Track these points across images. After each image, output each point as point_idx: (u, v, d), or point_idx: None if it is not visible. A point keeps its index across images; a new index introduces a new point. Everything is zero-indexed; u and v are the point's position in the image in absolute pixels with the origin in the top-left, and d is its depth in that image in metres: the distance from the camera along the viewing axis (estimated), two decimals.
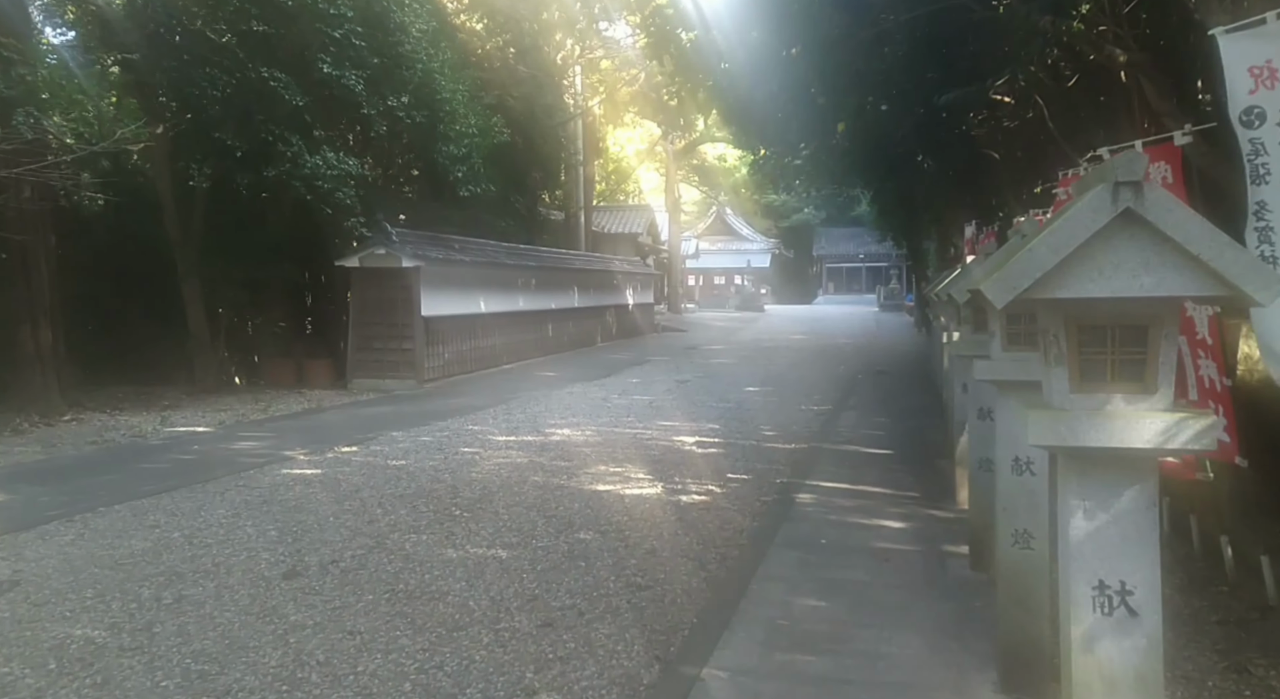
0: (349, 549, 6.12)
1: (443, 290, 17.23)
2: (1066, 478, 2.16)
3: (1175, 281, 1.96)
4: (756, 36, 10.47)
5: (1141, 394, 2.08)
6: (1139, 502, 2.10)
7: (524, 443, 10.45)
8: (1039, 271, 2.02)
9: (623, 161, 42.85)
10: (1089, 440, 2.06)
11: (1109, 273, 2.01)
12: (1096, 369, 2.11)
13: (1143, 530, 2.10)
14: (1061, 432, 2.08)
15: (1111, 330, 2.09)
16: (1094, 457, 2.10)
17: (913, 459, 9.26)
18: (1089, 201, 1.98)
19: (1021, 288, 2.03)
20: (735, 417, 12.51)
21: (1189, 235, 1.92)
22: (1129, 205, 1.95)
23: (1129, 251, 1.99)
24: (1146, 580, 2.08)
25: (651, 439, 10.71)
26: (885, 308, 50.69)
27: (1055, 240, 2.00)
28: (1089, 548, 2.12)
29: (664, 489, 8.04)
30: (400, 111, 15.69)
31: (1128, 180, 1.94)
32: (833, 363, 20.80)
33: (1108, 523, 2.11)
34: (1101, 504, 2.11)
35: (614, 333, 28.74)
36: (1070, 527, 2.14)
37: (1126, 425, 2.04)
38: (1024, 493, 3.81)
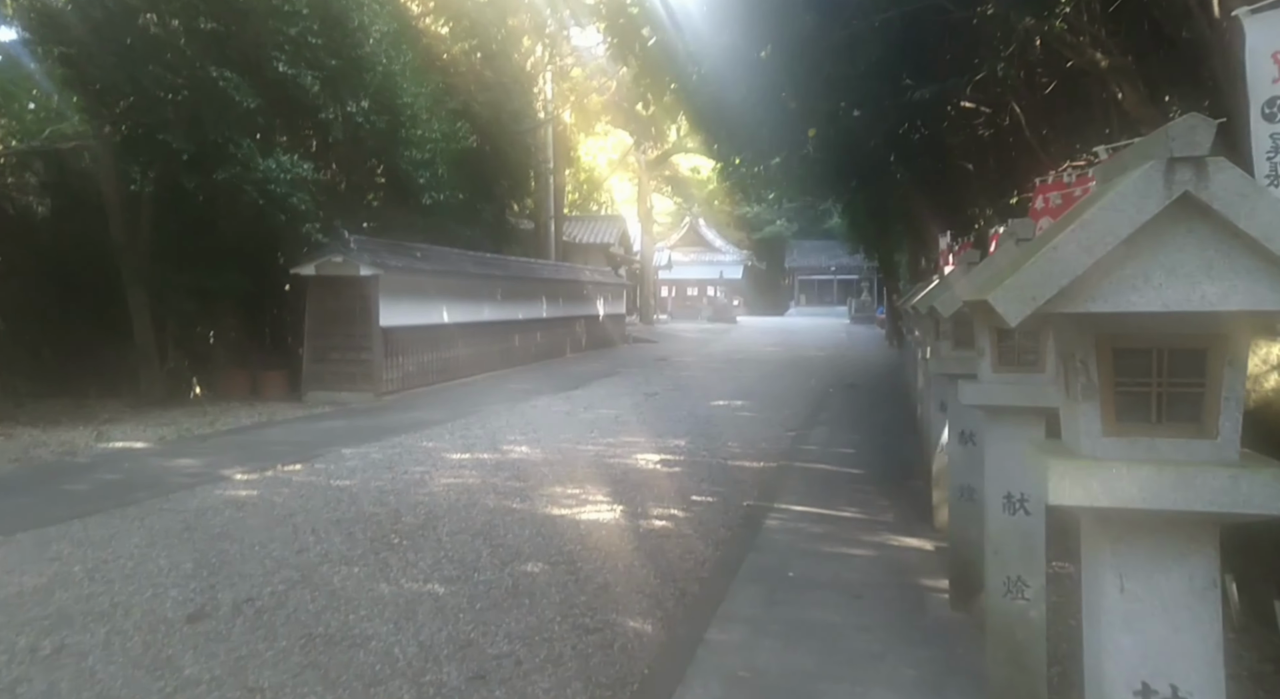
0: (269, 585, 5.54)
1: (403, 300, 16.63)
2: (1097, 547, 1.67)
3: (1249, 291, 1.47)
4: (727, 38, 10.05)
5: (1198, 438, 1.59)
6: (1196, 580, 1.60)
7: (479, 461, 9.89)
8: (1065, 277, 1.52)
9: (595, 171, 42.38)
10: (1130, 499, 1.56)
11: (1159, 279, 1.52)
12: (1138, 405, 1.61)
13: (1200, 619, 1.60)
14: (1092, 488, 1.58)
15: (1159, 355, 1.60)
16: (1136, 521, 1.61)
17: (886, 479, 8.79)
18: (1134, 184, 1.49)
19: (1042, 299, 1.54)
20: (703, 432, 12.01)
21: (1270, 228, 1.43)
22: (1188, 189, 1.46)
23: (1186, 251, 1.51)
24: (1206, 685, 1.59)
25: (614, 457, 10.19)
26: (856, 320, 50.59)
27: (1087, 237, 1.51)
28: (1128, 640, 1.62)
29: (623, 513, 7.51)
30: (360, 116, 15.13)
31: (1187, 155, 1.46)
32: (804, 376, 20.37)
33: (1154, 607, 1.61)
34: (1146, 583, 1.62)
35: (584, 344, 28.20)
36: (1103, 611, 1.64)
37: (1180, 480, 1.54)
38: (1017, 534, 3.32)
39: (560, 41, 24.97)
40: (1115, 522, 1.62)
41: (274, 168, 13.15)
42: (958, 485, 4.98)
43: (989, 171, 12.16)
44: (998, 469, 3.32)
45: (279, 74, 13.27)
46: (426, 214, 19.13)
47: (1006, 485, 3.31)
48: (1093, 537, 1.69)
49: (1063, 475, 1.60)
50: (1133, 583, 1.62)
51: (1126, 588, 1.63)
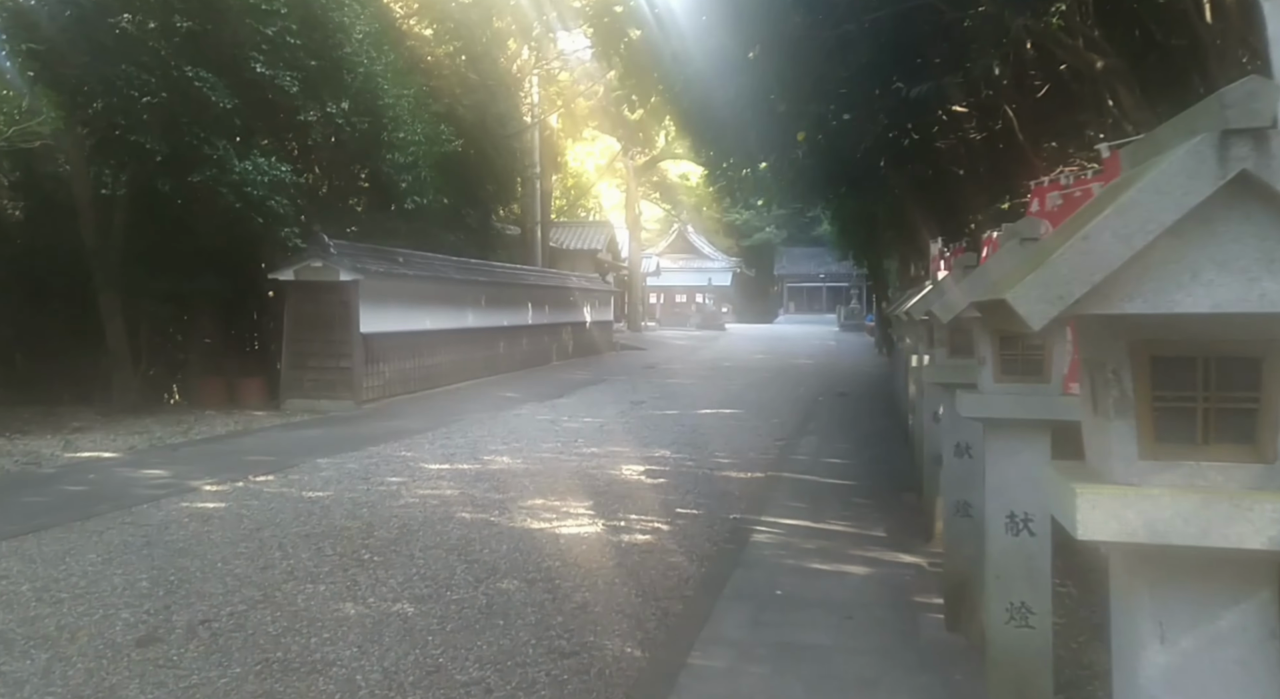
0: (228, 605, 5.25)
1: (385, 306, 16.35)
2: (1132, 589, 1.42)
3: None
4: (714, 38, 9.83)
5: (1253, 462, 1.35)
6: (1251, 630, 1.36)
7: (458, 472, 9.61)
8: (1099, 272, 1.28)
9: (582, 177, 42.16)
10: (1174, 534, 1.32)
11: (1209, 275, 1.28)
12: (1180, 423, 1.37)
13: (1255, 673, 1.36)
14: (1129, 520, 1.33)
15: (1206, 364, 1.35)
16: (1180, 559, 1.36)
17: (877, 492, 8.55)
18: (1180, 162, 1.25)
19: (1071, 297, 1.29)
20: (689, 442, 11.76)
21: None
22: (1245, 167, 1.22)
23: (1243, 241, 1.27)
24: None
25: (597, 468, 9.92)
26: (845, 328, 50.50)
27: (1125, 224, 1.27)
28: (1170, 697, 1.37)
29: (604, 527, 7.25)
30: (340, 117, 14.86)
31: (1244, 127, 1.22)
32: (793, 384, 20.16)
33: (1201, 662, 1.37)
34: (1191, 631, 1.37)
35: (570, 351, 27.93)
36: (1140, 665, 1.39)
37: (1234, 512, 1.30)
38: (1021, 557, 3.08)
39: (546, 44, 24.74)
40: (1155, 560, 1.38)
41: (251, 170, 12.85)
42: (953, 501, 4.74)
43: (980, 176, 11.97)
44: (999, 486, 3.08)
45: (257, 74, 12.99)
46: (410, 219, 18.87)
47: (1009, 504, 3.06)
48: (1127, 576, 1.44)
49: (1093, 505, 1.35)
50: (1176, 632, 1.37)
51: (1168, 638, 1.38)
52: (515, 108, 25.03)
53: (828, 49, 10.01)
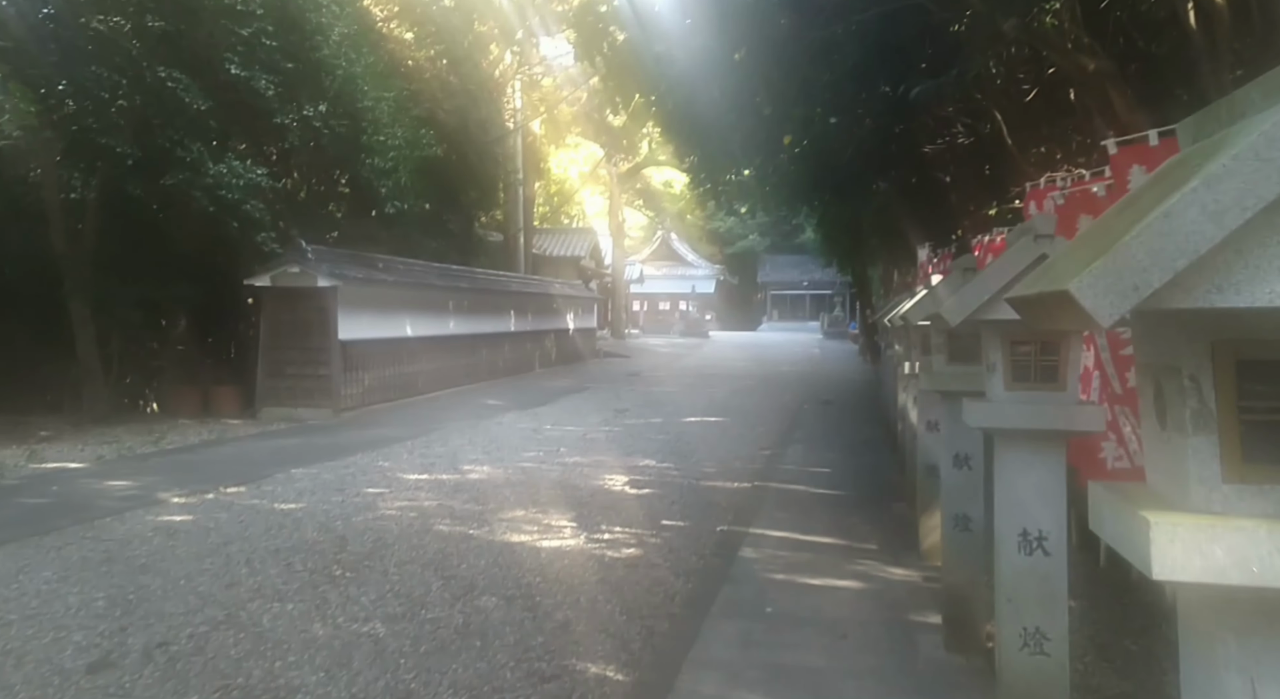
0: (189, 626, 4.97)
1: (364, 312, 16.05)
2: (1215, 638, 1.19)
3: None
4: (699, 39, 9.63)
5: None
6: None
7: (437, 483, 9.33)
8: (1184, 257, 1.06)
9: (565, 183, 41.91)
10: (1273, 576, 1.09)
11: None
12: (1273, 440, 1.15)
13: None
14: (1216, 557, 1.11)
15: None
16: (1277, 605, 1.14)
17: (867, 502, 8.34)
18: None
19: (1149, 288, 1.07)
20: (674, 451, 11.53)
21: None
22: None
23: None
24: None
25: (581, 477, 9.67)
26: (829, 335, 50.45)
27: (1216, 198, 1.05)
28: None
29: (588, 540, 7.00)
30: (318, 120, 14.57)
31: None
32: (778, 391, 19.97)
33: None
34: None
35: (553, 358, 27.66)
36: None
37: None
38: (1035, 579, 2.85)
39: (529, 49, 24.54)
40: (1247, 605, 1.15)
41: (226, 173, 12.55)
42: (952, 514, 4.52)
43: (968, 181, 11.82)
44: (1011, 502, 2.86)
45: (232, 76, 12.70)
46: (390, 225, 18.59)
47: (1021, 520, 2.84)
48: (1204, 622, 1.22)
49: (1171, 538, 1.13)
50: (1272, 692, 1.15)
51: (1261, 690, 1.15)
52: (497, 113, 24.79)
53: (814, 51, 9.84)
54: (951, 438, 4.52)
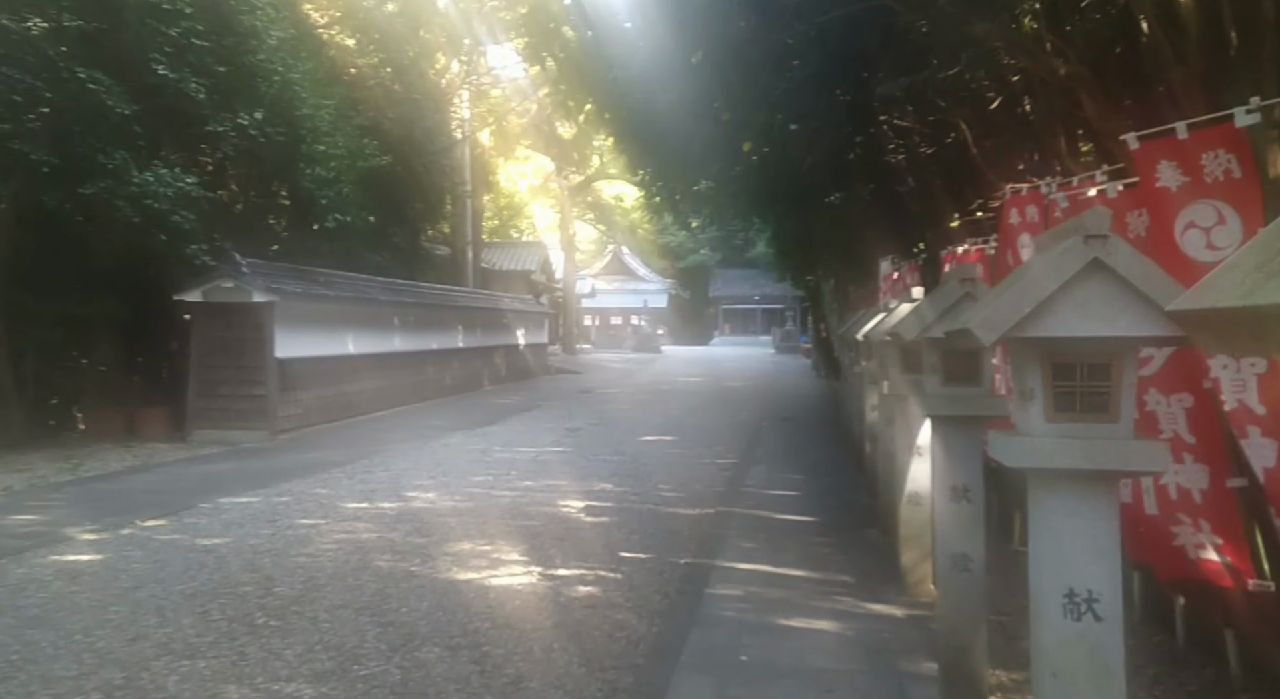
0: (80, 692, 4.31)
1: (303, 329, 15.30)
2: None
3: None
4: (655, 40, 9.19)
5: None
6: None
7: (377, 512, 8.69)
8: None
9: (515, 197, 41.30)
10: None
11: None
12: None
13: None
14: None
15: None
16: None
17: (837, 528, 7.89)
18: None
19: None
20: (631, 473, 11.00)
21: None
22: None
23: None
24: None
25: (533, 503, 9.09)
26: (781, 350, 50.36)
27: None
28: None
29: (541, 577, 6.43)
30: (253, 128, 13.83)
31: None
32: (734, 408, 19.55)
33: None
34: None
35: (503, 375, 26.98)
36: None
37: None
38: (1085, 649, 2.37)
39: (477, 58, 23.96)
40: None
41: (152, 182, 11.78)
42: (950, 553, 4.05)
43: (930, 192, 11.49)
44: (1055, 557, 2.37)
45: (159, 78, 11.95)
46: (333, 238, 17.88)
47: (1067, 579, 2.36)
48: None
49: None
50: None
51: None
52: (444, 123, 24.14)
53: (775, 55, 9.44)
54: (948, 466, 4.06)
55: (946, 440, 4.09)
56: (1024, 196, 5.98)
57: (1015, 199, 6.02)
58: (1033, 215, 5.85)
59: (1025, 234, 5.88)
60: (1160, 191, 3.50)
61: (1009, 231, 6.05)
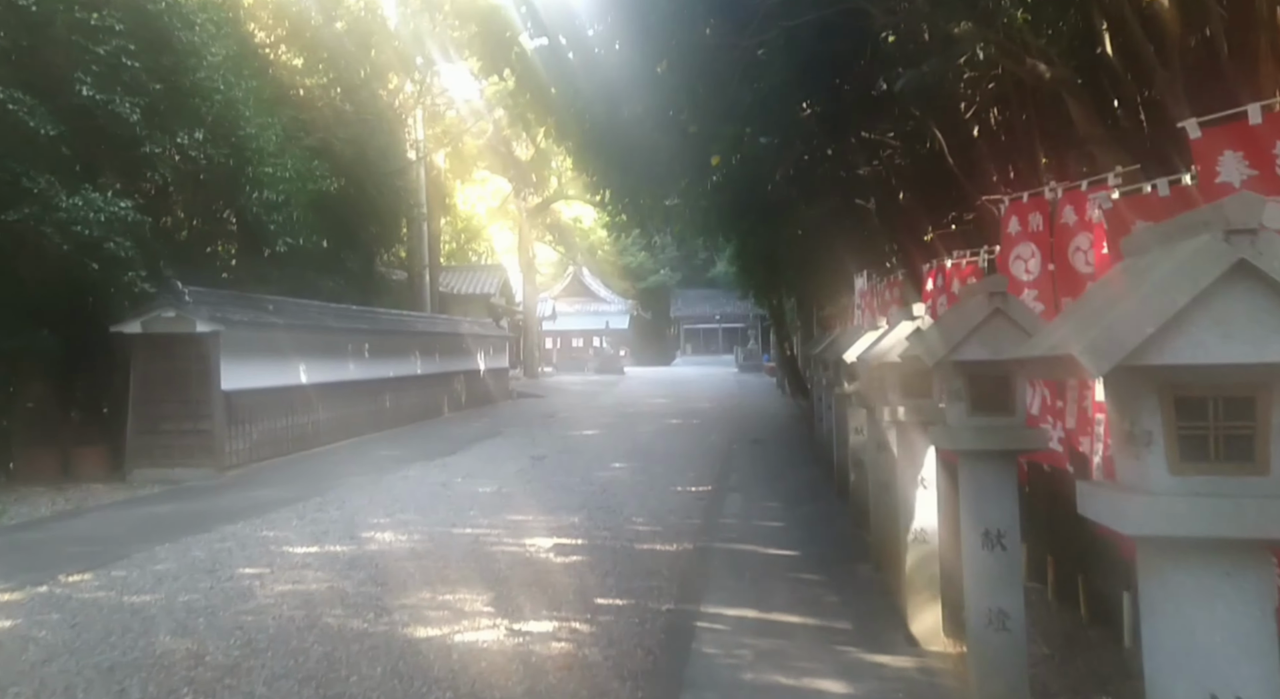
0: None
1: (251, 359, 14.53)
2: None
3: None
4: (618, 49, 8.69)
5: None
6: None
7: (328, 557, 8.00)
8: None
9: (473, 219, 40.60)
10: None
11: None
12: None
13: None
14: None
15: None
16: None
17: (826, 563, 7.34)
18: None
19: None
20: (601, 504, 10.39)
21: None
22: None
23: None
24: None
25: (498, 542, 8.46)
26: (744, 368, 50.08)
27: None
28: None
29: (509, 631, 5.81)
30: (194, 149, 13.12)
31: None
32: (702, 431, 19.00)
33: None
34: None
35: (463, 401, 26.23)
36: None
37: None
38: None
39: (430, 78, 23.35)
40: None
41: (82, 207, 11.03)
42: (984, 607, 3.51)
43: (908, 205, 11.08)
44: (1186, 653, 1.82)
45: (86, 99, 11.22)
46: (283, 264, 17.16)
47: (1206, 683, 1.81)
48: None
49: None
50: None
51: None
52: (398, 144, 23.47)
53: (743, 64, 8.98)
54: (979, 509, 3.53)
55: (975, 478, 3.57)
56: (1025, 203, 5.52)
57: (1016, 206, 5.56)
58: (1036, 224, 5.39)
59: (1030, 243, 5.42)
60: (1221, 189, 3.02)
61: (1010, 241, 5.58)
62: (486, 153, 32.95)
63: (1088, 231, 4.84)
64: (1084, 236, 4.90)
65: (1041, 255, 5.35)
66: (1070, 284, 5.01)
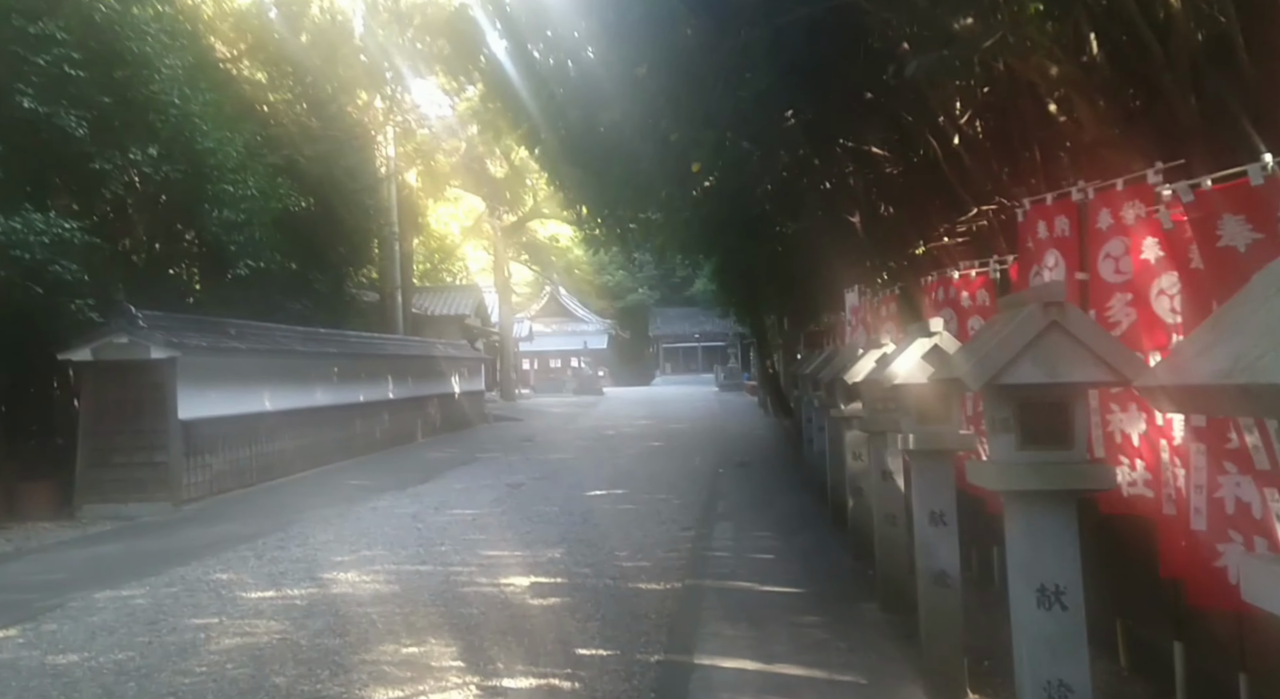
0: None
1: (211, 386, 13.81)
2: None
3: None
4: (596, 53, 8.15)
5: None
6: None
7: (284, 604, 7.31)
8: None
9: (447, 239, 39.92)
10: None
11: None
12: None
13: None
14: None
15: None
16: None
17: (827, 603, 6.75)
18: None
19: None
20: (582, 537, 9.75)
21: None
22: None
23: None
24: None
25: (471, 583, 7.81)
26: (724, 387, 49.56)
27: None
28: None
29: (479, 692, 5.16)
30: (147, 165, 12.46)
31: None
32: (685, 453, 18.39)
33: None
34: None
35: (438, 426, 25.51)
36: None
37: None
38: None
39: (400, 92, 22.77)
40: None
41: (22, 228, 10.33)
42: (1042, 677, 2.92)
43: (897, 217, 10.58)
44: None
45: (29, 112, 10.55)
46: (247, 286, 16.45)
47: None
48: None
49: None
50: None
51: None
52: (368, 161, 22.83)
53: (727, 67, 8.46)
54: (1032, 561, 2.94)
55: (1027, 523, 2.97)
56: (1049, 207, 4.99)
57: (1039, 210, 5.02)
58: (1063, 228, 4.86)
59: (1054, 251, 4.89)
60: None
61: (1031, 247, 5.05)
62: (460, 170, 32.35)
63: (1124, 236, 4.32)
64: (1118, 242, 4.38)
65: (1067, 264, 4.81)
66: (1100, 295, 4.48)
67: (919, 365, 4.46)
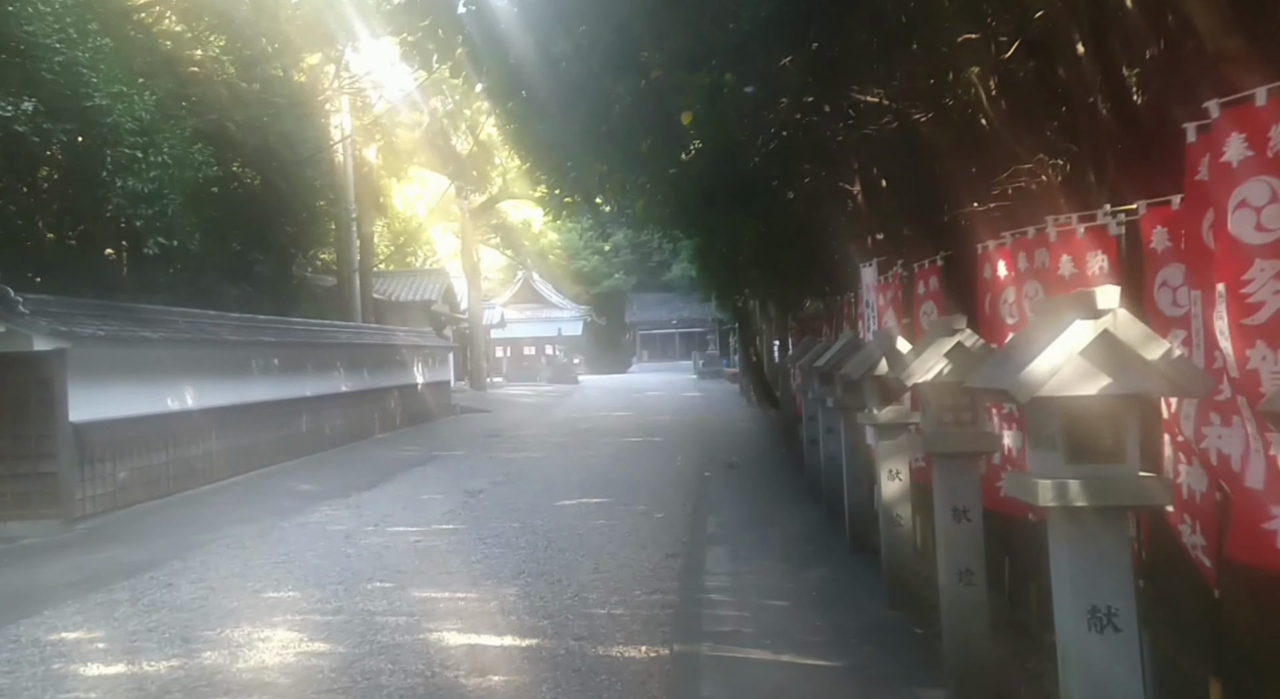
0: None
1: (115, 381, 11.86)
2: None
3: None
4: None
5: None
6: None
7: (133, 682, 5.41)
8: None
9: (412, 220, 37.80)
10: None
11: None
12: None
13: None
14: None
15: None
16: None
17: (873, 686, 4.93)
18: None
19: None
20: (544, 569, 7.91)
21: None
22: None
23: None
24: None
25: (395, 645, 5.94)
26: (704, 374, 47.97)
27: None
28: None
29: None
30: (22, 123, 10.42)
31: None
32: (667, 451, 16.56)
33: None
34: None
35: (398, 420, 23.57)
36: None
37: None
38: None
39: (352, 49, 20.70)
40: None
41: None
42: None
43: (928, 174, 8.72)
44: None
45: None
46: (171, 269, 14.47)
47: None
48: None
49: None
50: None
51: None
52: (316, 131, 20.72)
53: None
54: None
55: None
56: (1244, 113, 3.16)
57: (1236, 115, 3.18)
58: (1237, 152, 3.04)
59: (1263, 178, 3.06)
60: None
61: (1225, 177, 3.21)
62: (423, 146, 30.27)
63: None
64: None
65: None
66: None
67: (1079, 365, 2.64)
